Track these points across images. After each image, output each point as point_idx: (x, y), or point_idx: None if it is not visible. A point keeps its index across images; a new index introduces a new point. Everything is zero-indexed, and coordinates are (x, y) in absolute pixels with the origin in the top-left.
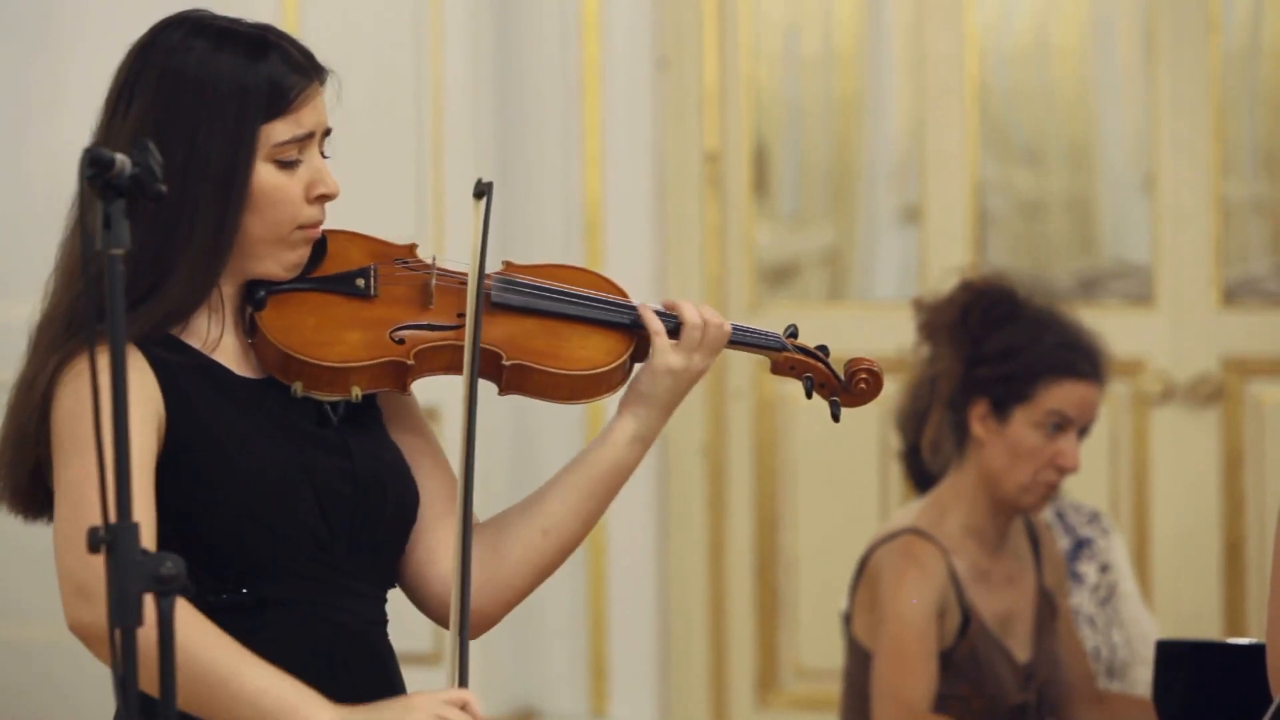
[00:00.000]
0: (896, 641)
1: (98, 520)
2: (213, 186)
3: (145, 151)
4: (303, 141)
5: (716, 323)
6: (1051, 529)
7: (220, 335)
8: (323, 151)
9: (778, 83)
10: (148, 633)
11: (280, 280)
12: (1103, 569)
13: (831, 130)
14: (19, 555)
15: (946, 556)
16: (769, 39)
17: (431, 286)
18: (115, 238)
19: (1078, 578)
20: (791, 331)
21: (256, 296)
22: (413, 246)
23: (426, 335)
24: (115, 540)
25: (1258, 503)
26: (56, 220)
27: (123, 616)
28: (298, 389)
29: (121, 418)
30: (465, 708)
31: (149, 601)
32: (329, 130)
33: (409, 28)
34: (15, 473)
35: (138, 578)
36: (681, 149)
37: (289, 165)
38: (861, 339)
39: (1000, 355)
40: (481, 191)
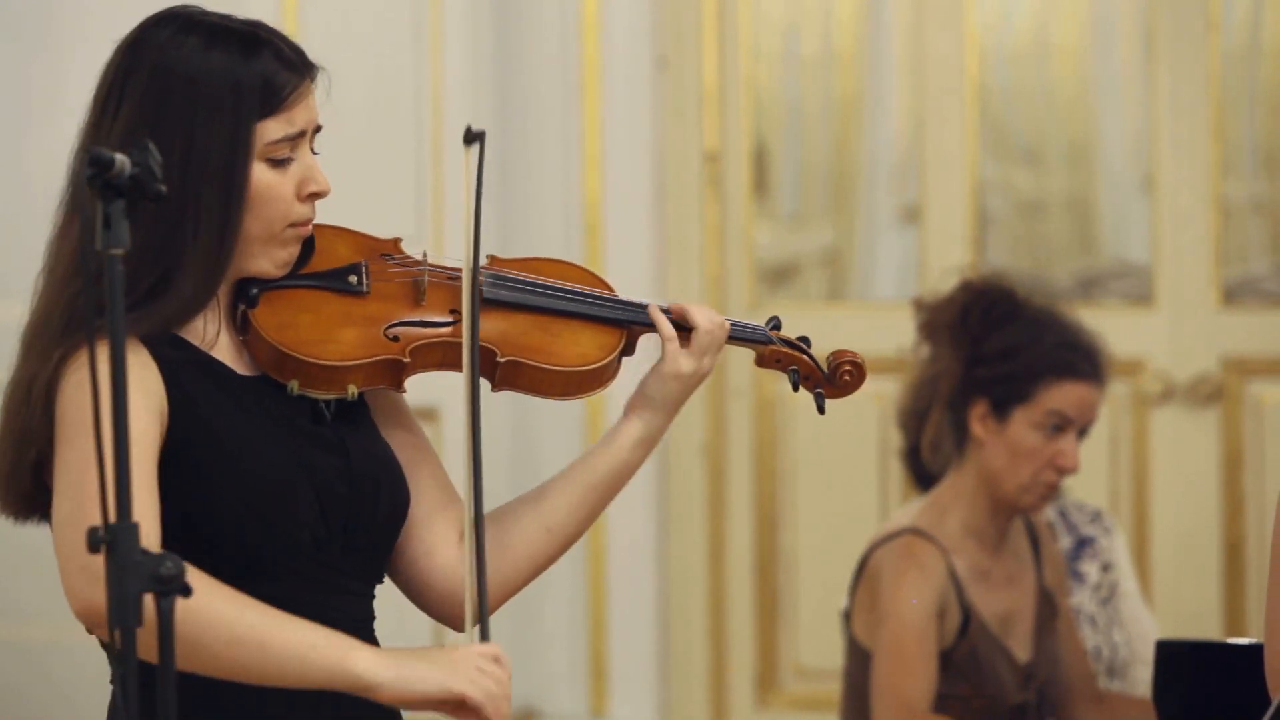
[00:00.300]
0: (896, 641)
1: (98, 500)
2: (214, 185)
3: (145, 151)
4: (295, 140)
5: (720, 322)
6: (1052, 528)
7: (217, 333)
8: (313, 148)
9: (777, 83)
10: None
11: (272, 277)
12: (1104, 568)
13: (831, 130)
14: (19, 555)
15: (946, 556)
16: (769, 39)
17: (423, 282)
18: (115, 237)
19: (1079, 577)
20: (774, 324)
21: (249, 293)
22: (397, 241)
23: (421, 332)
24: (115, 540)
25: (1258, 503)
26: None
27: (123, 616)
28: (294, 387)
29: (121, 419)
30: (497, 660)
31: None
32: (319, 127)
33: (409, 28)
34: (16, 473)
35: (138, 578)
36: (681, 149)
37: (281, 163)
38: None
39: (1000, 355)
40: (472, 138)
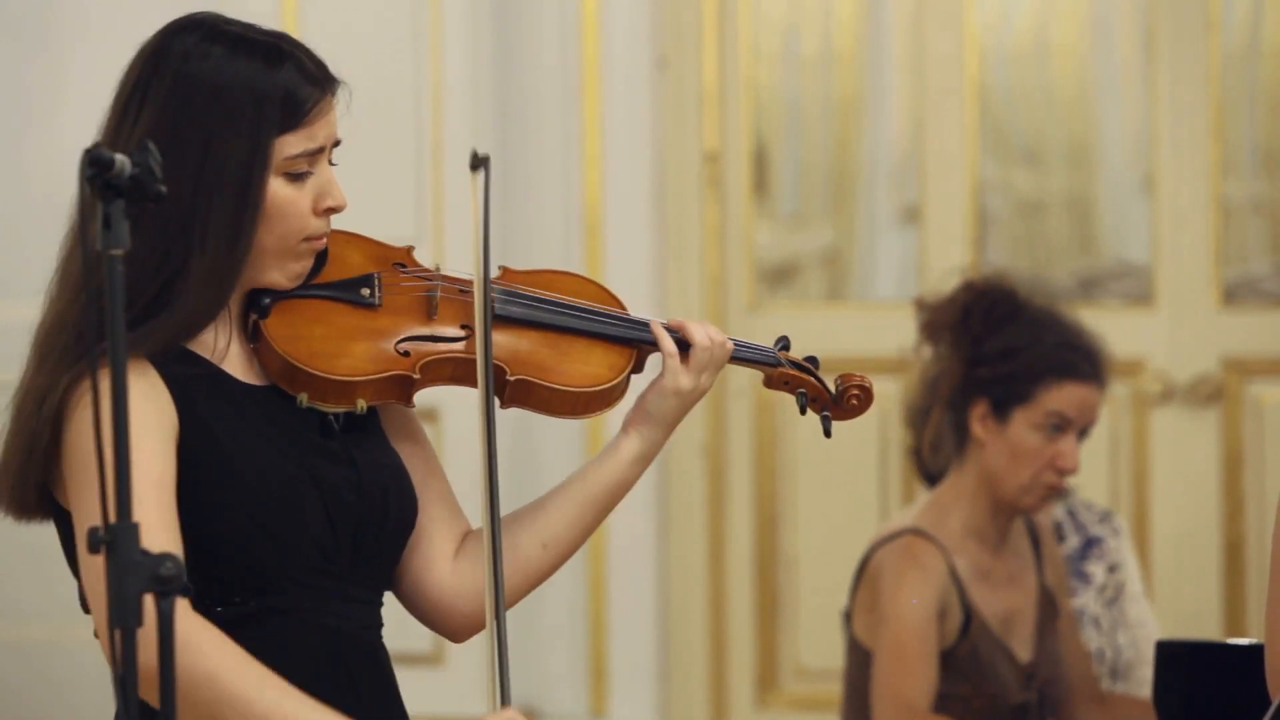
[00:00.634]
0: (896, 641)
1: None
2: (227, 198)
3: (145, 152)
4: (314, 155)
5: (720, 341)
6: (1060, 527)
7: (228, 344)
8: (331, 160)
9: (777, 83)
10: (183, 656)
11: (285, 289)
12: (1111, 569)
13: (831, 130)
14: (19, 555)
15: (947, 556)
16: (769, 39)
17: (435, 296)
18: (115, 238)
19: (1085, 577)
20: (783, 344)
21: (262, 303)
22: (410, 250)
23: (431, 347)
24: (115, 540)
25: (1258, 503)
26: (56, 221)
27: (122, 617)
28: (303, 400)
29: (122, 419)
30: None
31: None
32: (338, 141)
33: (409, 28)
34: (23, 475)
35: (137, 578)
36: (681, 149)
37: (298, 177)
38: (861, 339)
39: (1000, 356)
40: (477, 164)
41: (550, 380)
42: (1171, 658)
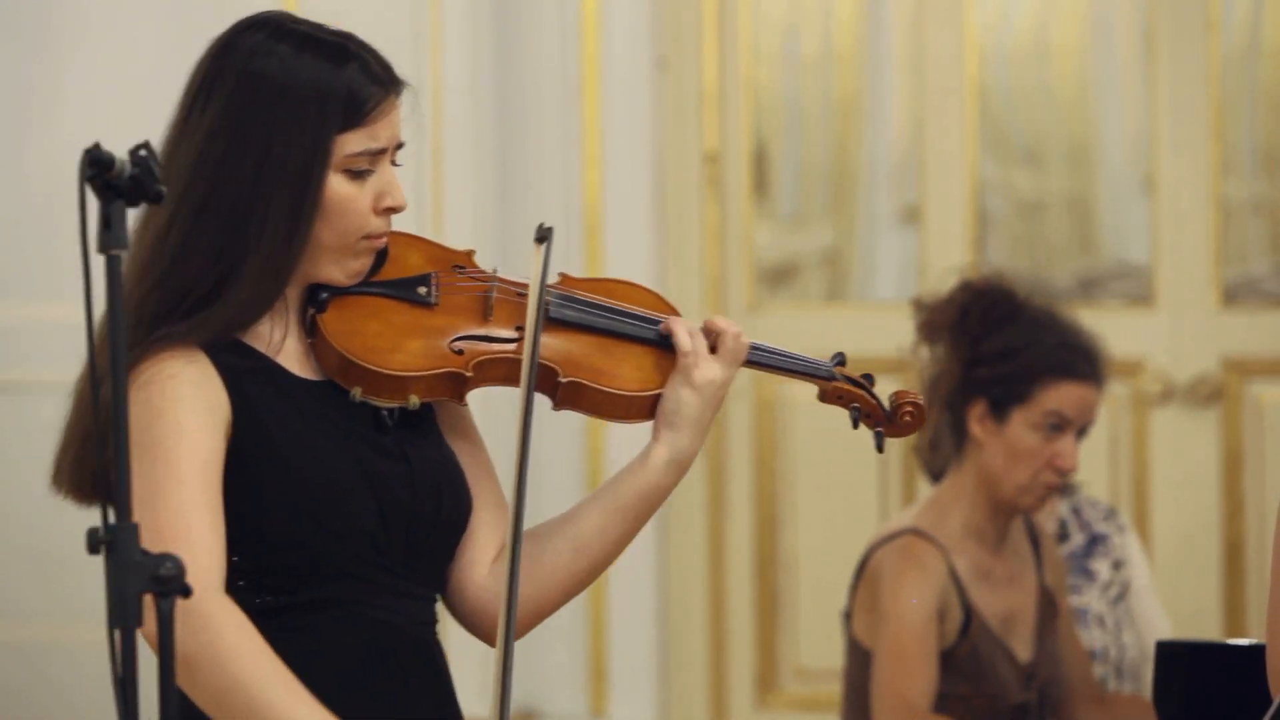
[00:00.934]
0: (896, 641)
1: (174, 526)
2: (286, 192)
3: (145, 151)
4: (375, 155)
5: (734, 332)
6: (1065, 525)
7: (284, 338)
8: (395, 161)
9: (777, 83)
10: (210, 648)
11: (343, 285)
12: (1116, 566)
13: (831, 130)
14: (19, 555)
15: (947, 556)
16: (768, 39)
17: (491, 298)
18: (115, 238)
19: (1090, 574)
20: (839, 360)
21: (319, 298)
22: (470, 253)
23: (485, 347)
24: (115, 540)
25: (1258, 503)
26: (56, 221)
27: (122, 617)
28: (356, 394)
29: (122, 420)
30: None
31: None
32: (402, 144)
33: (409, 28)
34: (79, 467)
35: (137, 578)
36: (681, 149)
37: (359, 175)
38: (861, 339)
39: (999, 355)
40: (543, 236)
41: (601, 383)
42: (1171, 658)
